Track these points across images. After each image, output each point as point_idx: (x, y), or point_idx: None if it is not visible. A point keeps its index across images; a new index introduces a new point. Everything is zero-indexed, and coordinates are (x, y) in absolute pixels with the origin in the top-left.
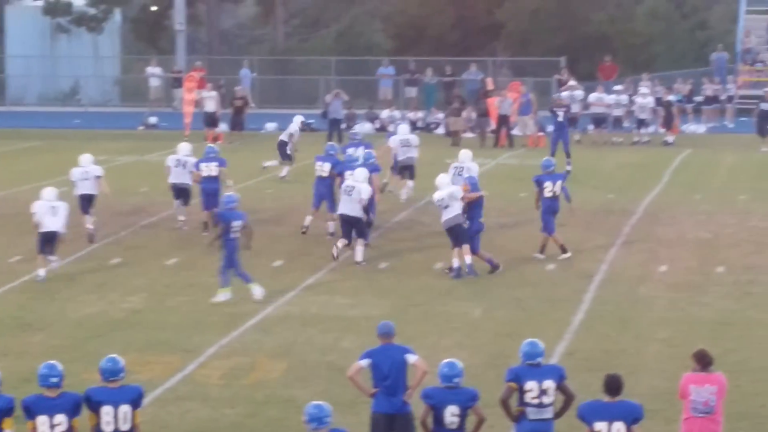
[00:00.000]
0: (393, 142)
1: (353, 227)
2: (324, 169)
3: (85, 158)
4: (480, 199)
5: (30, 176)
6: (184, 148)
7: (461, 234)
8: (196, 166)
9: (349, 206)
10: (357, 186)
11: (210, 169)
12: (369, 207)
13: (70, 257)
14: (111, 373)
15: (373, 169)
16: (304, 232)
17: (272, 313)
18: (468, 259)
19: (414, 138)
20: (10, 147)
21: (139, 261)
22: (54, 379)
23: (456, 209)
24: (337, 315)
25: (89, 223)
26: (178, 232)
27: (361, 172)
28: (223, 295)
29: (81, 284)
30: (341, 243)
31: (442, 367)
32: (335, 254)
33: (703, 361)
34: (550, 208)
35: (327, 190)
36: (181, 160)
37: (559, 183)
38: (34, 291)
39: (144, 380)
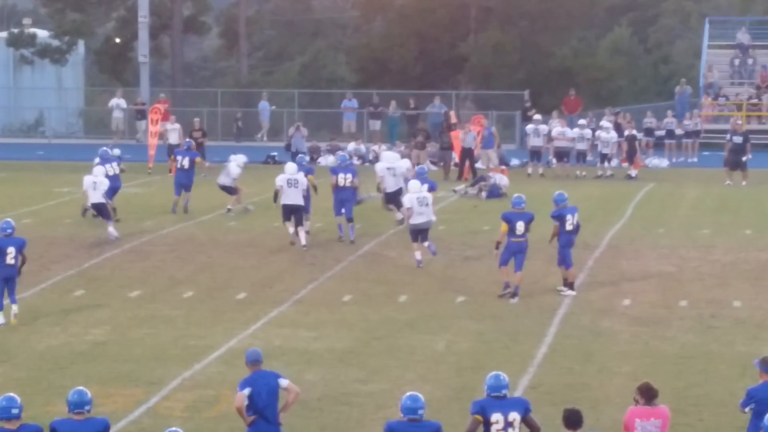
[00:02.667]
0: (379, 170)
1: (295, 214)
2: (347, 179)
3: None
4: None
5: None
6: (291, 167)
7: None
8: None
9: (293, 197)
10: (299, 178)
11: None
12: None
13: (33, 289)
14: (78, 405)
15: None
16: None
17: (236, 345)
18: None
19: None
20: None
21: (102, 293)
22: (14, 411)
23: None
24: (300, 348)
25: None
26: (141, 264)
27: (293, 166)
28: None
29: (44, 316)
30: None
31: (404, 400)
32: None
33: (648, 395)
34: (569, 242)
35: (349, 197)
36: (291, 180)
37: (576, 215)
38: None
39: (107, 412)
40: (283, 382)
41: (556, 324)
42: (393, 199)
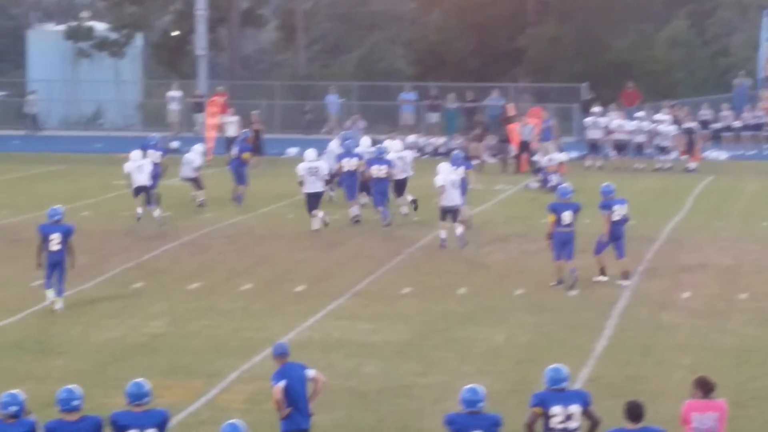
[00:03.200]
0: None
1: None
2: (381, 170)
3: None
4: None
5: (51, 200)
6: (311, 154)
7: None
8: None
9: (315, 185)
10: (319, 166)
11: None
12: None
13: (91, 281)
14: (137, 397)
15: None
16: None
17: (294, 338)
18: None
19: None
20: (31, 171)
21: (160, 285)
22: (75, 402)
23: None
24: (359, 340)
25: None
26: (200, 257)
27: (312, 153)
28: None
29: (103, 309)
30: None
31: (464, 392)
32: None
33: (705, 388)
34: (614, 233)
35: (385, 188)
36: (312, 168)
37: (625, 206)
38: (55, 315)
39: (166, 404)
40: (310, 373)
41: (615, 317)
42: (399, 187)
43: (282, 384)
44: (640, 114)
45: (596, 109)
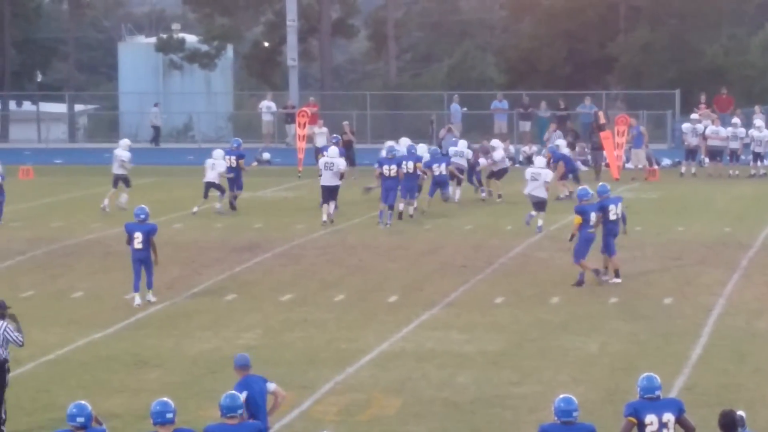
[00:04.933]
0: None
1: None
2: (391, 170)
3: None
4: None
5: None
6: (333, 151)
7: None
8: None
9: (329, 178)
10: (335, 161)
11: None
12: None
13: (185, 293)
14: (231, 409)
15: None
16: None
17: (387, 348)
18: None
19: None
20: None
21: (253, 297)
22: (169, 415)
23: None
24: (452, 350)
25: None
26: (292, 268)
27: (334, 150)
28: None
29: (196, 320)
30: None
31: (558, 402)
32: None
33: None
34: (612, 231)
35: (413, 184)
36: (328, 162)
37: (620, 205)
38: (149, 327)
39: None
40: (271, 386)
41: (711, 324)
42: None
43: (243, 395)
44: (736, 120)
45: (694, 115)
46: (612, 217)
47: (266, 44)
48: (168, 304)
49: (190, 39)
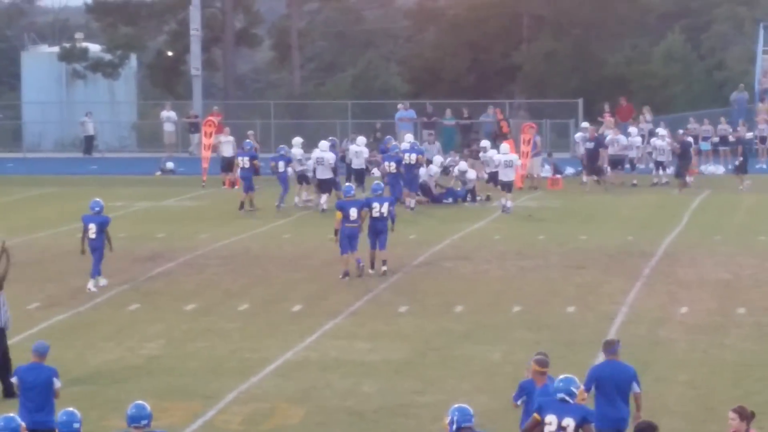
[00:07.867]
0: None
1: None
2: (411, 158)
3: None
4: None
5: (46, 223)
6: (323, 145)
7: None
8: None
9: (322, 172)
10: (325, 156)
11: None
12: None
13: (87, 303)
14: (137, 419)
15: None
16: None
17: (291, 358)
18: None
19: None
20: (26, 194)
21: (156, 307)
22: (76, 425)
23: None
24: (356, 359)
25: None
26: (196, 278)
27: (324, 144)
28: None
29: (99, 331)
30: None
31: (452, 413)
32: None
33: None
34: (374, 228)
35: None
36: (319, 158)
37: (386, 205)
38: (52, 338)
39: (164, 426)
40: (57, 383)
41: (613, 333)
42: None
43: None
44: (633, 129)
45: (585, 124)
46: (375, 214)
47: (170, 53)
48: (70, 314)
49: (94, 48)
